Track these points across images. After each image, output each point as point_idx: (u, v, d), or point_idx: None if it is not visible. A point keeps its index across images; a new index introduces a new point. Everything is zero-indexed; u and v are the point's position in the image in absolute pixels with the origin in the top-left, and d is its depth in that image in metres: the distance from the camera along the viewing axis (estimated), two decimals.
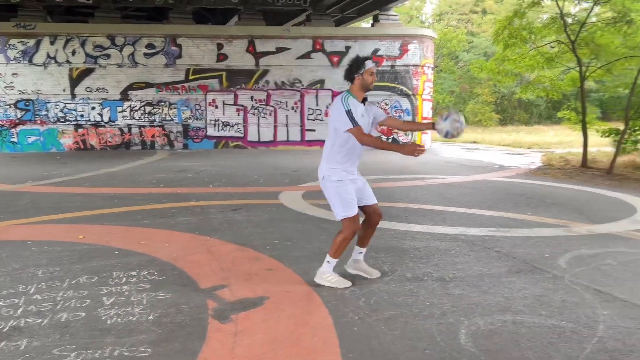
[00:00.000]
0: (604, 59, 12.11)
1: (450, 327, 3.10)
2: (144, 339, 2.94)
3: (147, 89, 17.21)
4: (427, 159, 14.54)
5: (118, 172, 11.24)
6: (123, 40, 16.93)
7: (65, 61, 16.68)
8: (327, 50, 17.93)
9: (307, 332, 3.04)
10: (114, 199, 7.75)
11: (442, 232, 5.55)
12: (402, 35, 18.34)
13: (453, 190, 8.67)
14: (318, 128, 18.21)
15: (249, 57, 17.56)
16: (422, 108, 18.60)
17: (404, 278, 4.04)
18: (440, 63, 37.39)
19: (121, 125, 17.25)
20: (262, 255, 4.67)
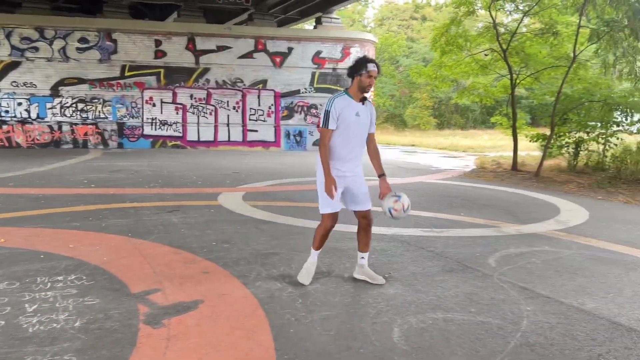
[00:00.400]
0: (533, 67, 12.82)
1: (384, 326, 3.16)
2: (68, 347, 2.80)
3: (79, 85, 16.44)
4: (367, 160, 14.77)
5: (46, 171, 10.65)
6: (53, 33, 16.08)
7: None
8: (270, 50, 17.86)
9: (243, 335, 3.00)
10: (41, 200, 7.33)
11: (379, 233, 5.65)
12: (344, 38, 18.57)
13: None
14: (260, 128, 18.10)
15: (188, 54, 17.18)
16: None
17: (341, 278, 4.08)
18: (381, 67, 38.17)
19: (51, 122, 16.38)
20: (198, 258, 4.57)
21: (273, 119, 18.20)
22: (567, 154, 12.97)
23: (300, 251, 4.83)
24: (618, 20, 10.75)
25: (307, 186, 9.24)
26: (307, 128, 18.43)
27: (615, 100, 11.19)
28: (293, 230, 5.78)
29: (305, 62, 18.18)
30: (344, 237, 5.44)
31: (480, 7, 12.98)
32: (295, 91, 18.22)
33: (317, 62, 18.27)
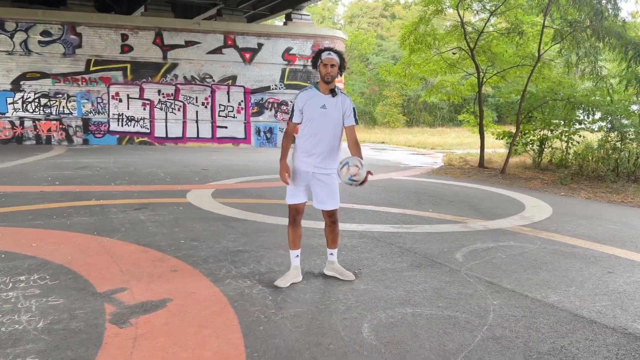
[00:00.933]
0: (499, 66, 13.10)
1: (354, 322, 3.18)
2: (31, 348, 2.72)
3: (42, 80, 15.96)
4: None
5: (8, 168, 10.30)
6: (14, 25, 15.54)
7: None
8: (239, 46, 17.71)
9: (212, 333, 2.97)
10: (1, 197, 7.09)
11: (350, 229, 5.69)
12: (314, 35, 18.57)
13: (361, 188, 8.90)
14: (230, 125, 17.95)
15: (156, 49, 16.88)
16: None
17: (311, 275, 4.09)
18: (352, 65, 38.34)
19: (12, 117, 15.84)
20: (167, 256, 4.50)
21: (243, 115, 18.06)
22: (532, 151, 13.32)
23: (270, 248, 4.83)
24: (581, 21, 11.08)
25: (277, 183, 9.21)
26: (278, 125, 18.37)
27: (578, 99, 11.54)
28: (263, 227, 5.76)
29: (275, 58, 18.10)
30: (314, 233, 5.45)
31: (448, 5, 13.17)
32: (265, 87, 18.13)
33: (288, 58, 18.21)
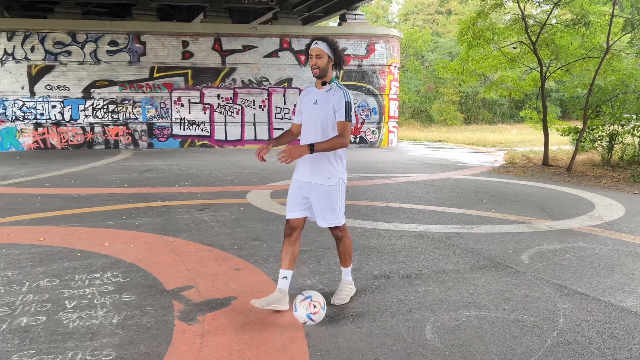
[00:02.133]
0: (564, 59, 12.51)
1: (417, 324, 3.14)
2: (107, 342, 2.88)
3: (110, 87, 16.82)
4: (393, 157, 14.71)
5: (80, 172, 10.94)
6: (85, 37, 16.48)
7: (23, 58, 16.13)
8: (295, 48, 17.91)
9: (275, 331, 3.03)
10: (76, 199, 7.54)
11: (409, 230, 5.62)
12: (369, 34, 18.48)
13: (419, 188, 8.80)
14: (286, 127, 18.18)
15: (215, 55, 17.37)
16: (388, 107, 18.81)
17: (371, 275, 4.07)
18: (407, 62, 37.87)
19: (83, 124, 16.80)
20: (230, 255, 4.63)
21: None
22: (601, 147, 12.63)
23: (329, 248, 4.85)
24: None
25: None
26: None
27: None
28: (321, 227, 5.78)
29: None
30: (372, 234, 5.43)
31: None
32: None
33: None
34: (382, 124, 18.79)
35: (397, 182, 9.57)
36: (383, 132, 18.83)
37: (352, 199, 7.59)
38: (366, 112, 18.52)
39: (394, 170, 11.31)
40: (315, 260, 4.47)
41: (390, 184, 9.33)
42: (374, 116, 18.61)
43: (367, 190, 8.53)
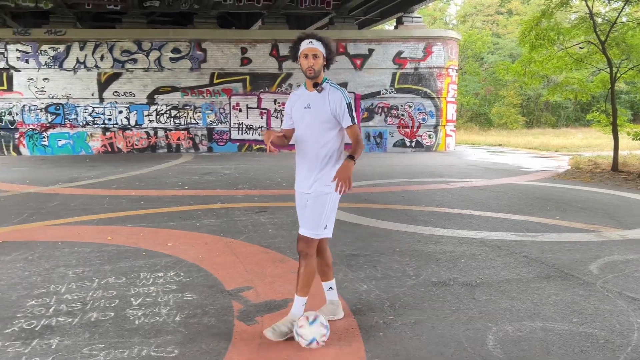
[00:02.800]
0: (636, 59, 11.83)
1: (478, 333, 3.05)
2: (170, 339, 2.97)
3: (172, 93, 17.48)
4: (450, 161, 14.40)
5: (144, 174, 11.42)
6: (149, 45, 17.23)
7: (93, 66, 17.07)
8: (350, 53, 17.93)
9: (333, 335, 3.02)
10: (140, 201, 7.87)
11: (468, 236, 5.48)
12: (426, 37, 18.22)
13: (478, 193, 8.56)
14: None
15: (272, 60, 17.68)
16: (446, 110, 18.45)
17: (429, 282, 3.99)
18: (465, 65, 37.03)
19: (147, 128, 17.55)
20: (287, 258, 4.68)
21: None
22: None
23: (385, 254, 4.80)
24: None
25: (389, 188, 9.17)
26: (388, 129, 18.29)
27: None
28: (377, 232, 5.75)
29: (386, 62, 18.05)
30: (430, 240, 5.33)
31: None
32: (375, 92, 18.15)
33: (398, 62, 18.07)
34: (439, 128, 18.44)
35: (455, 187, 9.35)
36: (440, 136, 18.48)
37: (408, 204, 7.49)
38: (423, 115, 18.24)
39: (451, 175, 11.06)
40: (371, 265, 4.44)
41: (448, 189, 9.13)
42: (430, 119, 18.31)
43: (423, 195, 8.39)
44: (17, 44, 16.65)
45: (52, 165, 13.73)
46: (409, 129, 18.35)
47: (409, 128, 18.33)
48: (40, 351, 2.83)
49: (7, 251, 4.94)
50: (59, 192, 8.85)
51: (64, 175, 11.28)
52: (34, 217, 6.63)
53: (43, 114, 17.03)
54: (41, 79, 16.88)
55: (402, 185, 9.56)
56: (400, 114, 18.23)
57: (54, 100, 17.04)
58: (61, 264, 4.48)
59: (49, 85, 16.94)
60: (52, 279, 4.09)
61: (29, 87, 16.85)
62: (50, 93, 16.98)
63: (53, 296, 3.69)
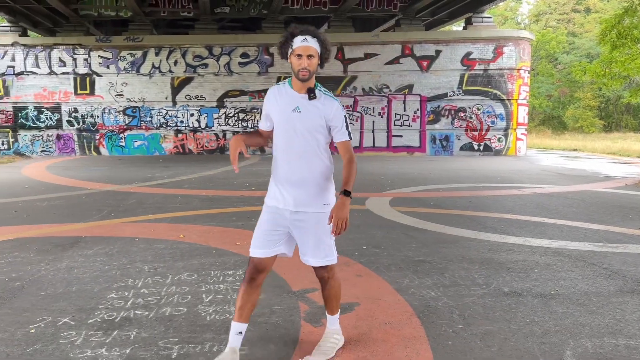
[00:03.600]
0: None
1: (554, 348, 2.90)
2: None
3: (241, 97, 17.99)
4: (522, 166, 13.83)
5: (214, 175, 11.82)
6: (220, 50, 17.82)
7: (168, 71, 17.89)
8: (417, 54, 17.68)
9: (400, 342, 2.99)
10: (210, 200, 8.15)
11: (542, 245, 5.23)
12: (497, 37, 17.64)
13: (552, 200, 8.16)
14: (405, 133, 18.02)
15: (337, 64, 17.76)
16: (517, 113, 17.75)
17: (500, 292, 3.85)
18: (537, 66, 35.49)
19: (217, 131, 18.16)
20: (351, 261, 4.67)
21: (418, 123, 17.97)
22: None
23: (453, 261, 4.68)
24: None
25: (456, 192, 8.94)
26: (454, 132, 17.86)
27: None
28: (444, 238, 5.62)
29: (453, 64, 17.65)
30: (501, 248, 5.14)
31: None
32: (442, 95, 17.78)
33: (467, 63, 17.61)
34: (510, 131, 17.78)
35: (526, 193, 8.97)
36: (510, 140, 17.81)
37: (477, 210, 7.26)
38: (492, 118, 17.66)
39: (523, 181, 10.62)
40: (438, 272, 4.34)
41: (520, 195, 8.78)
42: (500, 122, 17.69)
43: (493, 201, 8.11)
44: (99, 51, 17.76)
45: (128, 165, 14.52)
46: (477, 132, 17.82)
47: (477, 131, 17.82)
48: (120, 342, 2.99)
49: (90, 245, 5.27)
50: (135, 190, 9.34)
51: (139, 174, 11.89)
52: (112, 214, 7.04)
53: (121, 116, 18.05)
54: (120, 84, 17.91)
55: (469, 190, 9.29)
56: (468, 116, 17.75)
57: (131, 103, 18.02)
58: (138, 259, 4.72)
59: (126, 90, 17.94)
60: (129, 273, 4.31)
61: (109, 91, 17.92)
62: (127, 97, 17.97)
63: (131, 290, 3.89)
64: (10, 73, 17.66)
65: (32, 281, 4.12)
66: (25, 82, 17.74)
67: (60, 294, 3.83)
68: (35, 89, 17.78)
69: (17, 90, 17.74)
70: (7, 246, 5.27)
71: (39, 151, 18.01)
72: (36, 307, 3.55)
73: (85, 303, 3.62)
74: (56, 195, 8.70)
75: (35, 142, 17.98)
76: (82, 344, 2.97)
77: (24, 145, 17.95)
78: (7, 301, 3.68)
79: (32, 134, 17.95)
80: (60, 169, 13.46)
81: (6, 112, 17.80)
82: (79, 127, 18.02)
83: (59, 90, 17.85)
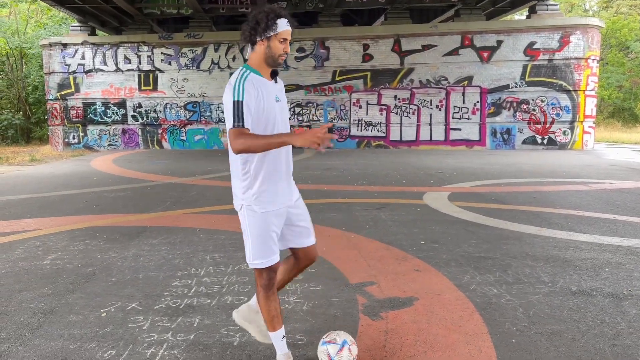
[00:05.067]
0: None
1: (628, 350, 2.74)
2: (299, 327, 3.08)
3: (297, 91, 18.12)
4: (589, 161, 13.15)
5: None
6: None
7: (226, 66, 18.29)
8: (477, 45, 17.14)
9: (461, 338, 2.92)
10: None
11: (612, 243, 4.95)
12: (563, 25, 16.79)
13: (623, 196, 7.71)
14: (464, 127, 17.55)
15: (394, 56, 17.53)
16: (584, 105, 16.86)
17: (567, 291, 3.68)
18: (607, 55, 33.55)
19: None
20: (409, 256, 4.61)
21: (478, 116, 17.44)
22: None
23: (516, 257, 4.52)
24: None
25: (518, 187, 8.62)
26: (517, 125, 17.20)
27: None
28: (506, 234, 5.43)
29: (515, 54, 16.98)
30: (568, 245, 4.91)
31: None
32: (503, 86, 17.16)
33: (530, 54, 16.89)
34: (576, 124, 16.93)
35: (595, 189, 8.52)
36: (577, 133, 16.95)
37: (541, 206, 6.98)
38: (557, 110, 16.87)
39: (590, 176, 10.09)
40: (501, 269, 4.21)
41: (587, 190, 8.35)
42: (565, 115, 16.87)
43: (558, 197, 7.76)
44: (162, 48, 18.41)
45: (189, 158, 15.00)
46: (541, 125, 17.08)
47: (540, 124, 17.08)
48: (184, 328, 3.10)
49: (154, 235, 5.49)
50: (196, 183, 9.64)
51: (199, 167, 12.26)
52: (175, 205, 7.30)
53: (182, 111, 18.65)
54: (181, 79, 18.50)
55: (532, 185, 8.93)
56: (531, 108, 17.04)
57: (192, 98, 18.57)
58: (200, 249, 4.87)
59: (187, 85, 18.50)
60: (192, 262, 4.46)
61: (170, 87, 18.56)
62: (188, 92, 18.54)
63: (194, 278, 4.02)
64: (81, 71, 18.65)
65: (102, 268, 4.35)
66: (94, 79, 18.68)
67: (128, 280, 4.01)
68: (103, 86, 18.69)
69: (87, 87, 18.71)
70: (79, 234, 5.58)
71: (106, 145, 18.94)
72: (106, 292, 3.74)
73: (152, 290, 3.78)
74: (122, 187, 9.12)
75: (103, 136, 18.91)
76: (149, 328, 3.10)
77: (93, 139, 18.93)
78: (80, 286, 3.90)
79: (99, 129, 18.89)
80: (125, 162, 14.11)
81: (76, 108, 18.82)
82: (143, 121, 18.78)
83: (124, 87, 18.67)
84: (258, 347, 2.82)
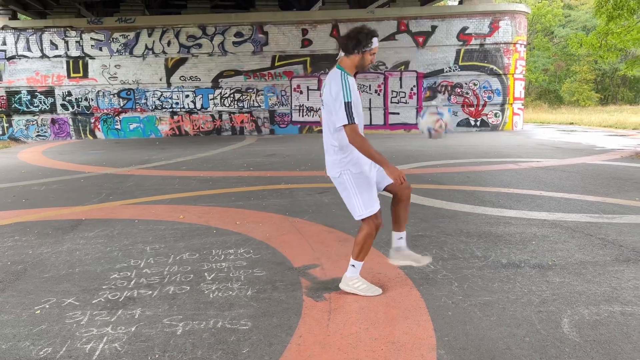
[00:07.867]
0: None
1: (551, 316, 2.96)
2: (243, 312, 3.10)
3: (236, 77, 17.86)
4: (518, 141, 13.85)
5: (211, 156, 11.81)
6: (213, 29, 17.63)
7: (161, 52, 17.71)
8: (412, 30, 17.53)
9: (400, 314, 3.04)
10: (209, 181, 8.16)
11: (539, 218, 5.28)
12: (493, 11, 17.48)
13: (549, 174, 8.20)
14: (402, 111, 17.97)
15: (332, 41, 17.61)
16: (513, 88, 17.70)
17: (498, 264, 3.91)
18: (533, 40, 35.24)
19: (212, 112, 18.07)
20: (351, 237, 4.71)
21: (415, 100, 17.90)
22: None
23: (451, 235, 4.73)
24: None
25: (453, 168, 8.97)
26: (451, 108, 17.81)
27: None
28: (442, 213, 5.66)
29: (449, 39, 17.52)
30: (499, 221, 5.19)
31: None
32: (438, 71, 17.69)
33: (463, 38, 17.48)
34: (506, 106, 17.75)
35: (523, 167, 9.01)
36: (507, 115, 17.79)
37: (475, 185, 7.31)
38: (488, 93, 17.61)
39: (520, 155, 10.66)
40: (437, 246, 4.40)
41: (517, 169, 8.81)
42: (496, 98, 17.65)
43: (490, 176, 8.15)
44: (91, 33, 17.54)
45: (125, 147, 14.47)
46: (474, 108, 17.79)
47: (473, 107, 17.78)
48: (125, 320, 3.04)
49: (90, 228, 5.30)
50: (133, 173, 9.34)
51: (136, 157, 11.88)
52: (111, 196, 7.05)
53: (115, 99, 17.93)
54: (113, 66, 17.74)
55: (467, 165, 9.32)
56: (465, 92, 17.69)
57: (125, 85, 17.88)
58: (139, 241, 4.75)
59: (120, 72, 17.78)
60: (131, 254, 4.35)
61: (102, 74, 17.76)
62: (121, 79, 17.82)
63: (133, 270, 3.93)
64: (2, 57, 17.47)
65: (34, 264, 4.16)
66: (18, 66, 17.56)
67: (63, 275, 3.87)
68: (28, 73, 17.61)
69: (10, 75, 17.57)
70: (7, 230, 5.29)
71: (34, 136, 17.92)
72: (40, 289, 3.59)
73: (89, 284, 3.67)
74: (54, 180, 8.70)
75: (30, 126, 17.88)
76: (87, 323, 3.02)
77: (19, 130, 17.86)
78: (11, 284, 3.72)
79: (26, 119, 17.84)
80: (56, 153, 13.43)
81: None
82: (74, 110, 17.90)
83: (52, 74, 17.68)
84: (202, 335, 2.82)
